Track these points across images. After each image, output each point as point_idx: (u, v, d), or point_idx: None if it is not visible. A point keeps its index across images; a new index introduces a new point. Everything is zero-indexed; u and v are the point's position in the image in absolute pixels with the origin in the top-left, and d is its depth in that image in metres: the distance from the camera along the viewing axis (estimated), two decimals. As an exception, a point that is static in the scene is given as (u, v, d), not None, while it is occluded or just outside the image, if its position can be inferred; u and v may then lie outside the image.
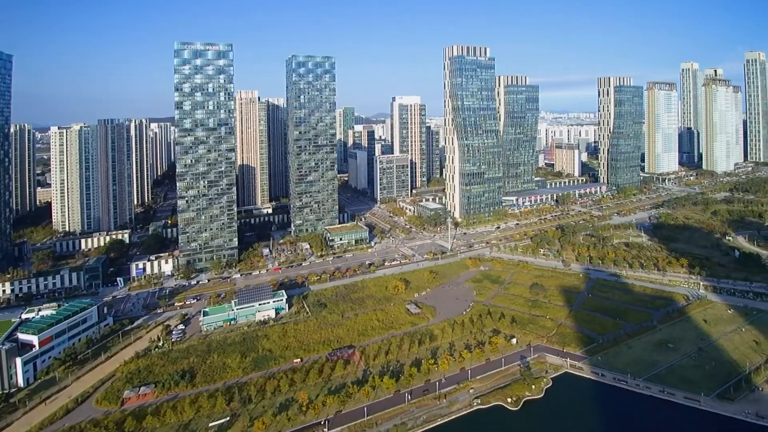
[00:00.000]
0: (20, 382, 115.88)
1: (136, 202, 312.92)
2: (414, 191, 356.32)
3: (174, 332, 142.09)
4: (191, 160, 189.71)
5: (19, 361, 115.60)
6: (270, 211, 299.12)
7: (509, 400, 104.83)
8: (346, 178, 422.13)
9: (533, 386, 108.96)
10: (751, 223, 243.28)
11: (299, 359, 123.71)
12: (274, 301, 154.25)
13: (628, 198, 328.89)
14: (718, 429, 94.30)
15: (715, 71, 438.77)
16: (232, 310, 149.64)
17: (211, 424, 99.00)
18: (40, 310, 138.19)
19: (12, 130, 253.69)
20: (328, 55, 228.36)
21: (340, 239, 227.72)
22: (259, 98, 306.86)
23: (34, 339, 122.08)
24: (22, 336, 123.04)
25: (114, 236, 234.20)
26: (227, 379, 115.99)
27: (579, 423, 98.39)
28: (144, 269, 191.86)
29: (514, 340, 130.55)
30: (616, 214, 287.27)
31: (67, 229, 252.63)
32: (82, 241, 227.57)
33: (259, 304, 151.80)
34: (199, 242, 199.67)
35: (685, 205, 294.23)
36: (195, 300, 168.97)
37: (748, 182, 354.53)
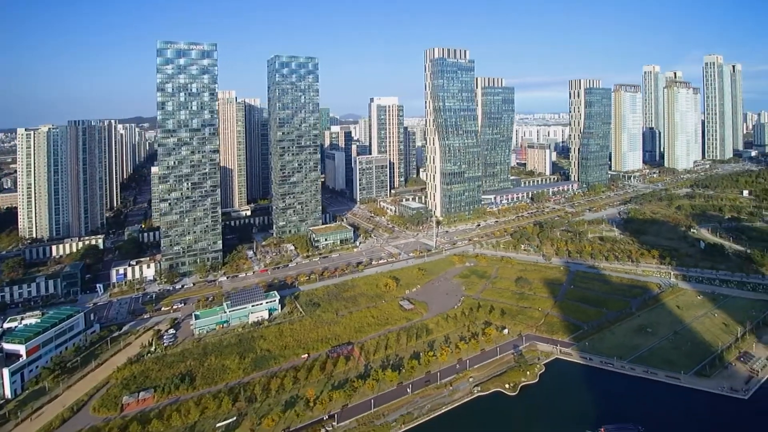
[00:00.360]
0: (7, 393, 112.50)
1: (106, 207, 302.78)
2: (392, 191, 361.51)
3: (165, 337, 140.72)
4: (174, 162, 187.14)
5: (6, 371, 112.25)
6: (249, 213, 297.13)
7: (507, 386, 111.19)
8: (323, 179, 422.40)
9: (528, 372, 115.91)
10: (713, 216, 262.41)
11: (306, 355, 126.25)
12: (266, 302, 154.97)
13: (598, 195, 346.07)
14: (698, 403, 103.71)
15: (675, 74, 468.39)
16: (225, 312, 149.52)
17: (218, 425, 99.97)
18: (22, 318, 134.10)
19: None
20: (311, 56, 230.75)
21: (326, 240, 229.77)
22: (236, 98, 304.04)
23: (21, 348, 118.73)
24: (7, 346, 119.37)
25: (88, 242, 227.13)
26: (228, 380, 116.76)
27: (573, 404, 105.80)
28: (125, 275, 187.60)
29: (505, 331, 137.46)
30: (588, 210, 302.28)
31: (34, 235, 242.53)
32: (53, 247, 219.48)
33: (252, 306, 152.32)
34: (182, 246, 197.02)
35: (651, 200, 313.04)
36: (182, 304, 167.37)
37: (707, 179, 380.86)
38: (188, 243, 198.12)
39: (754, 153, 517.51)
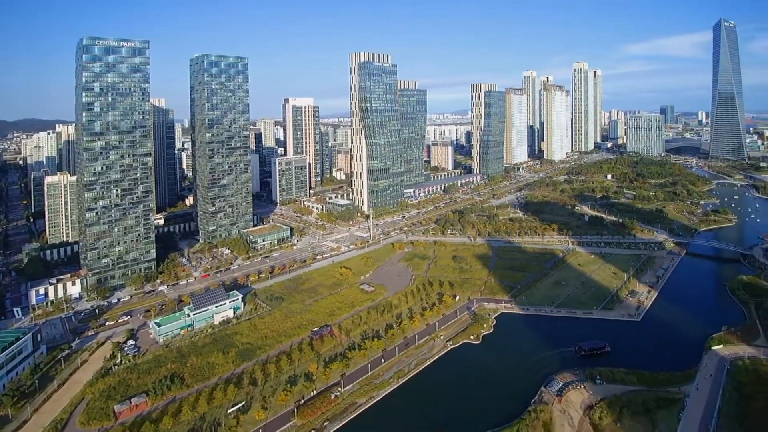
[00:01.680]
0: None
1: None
2: (311, 191, 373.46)
3: (126, 348, 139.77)
4: (102, 167, 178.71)
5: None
6: (162, 222, 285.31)
7: (471, 337, 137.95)
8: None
9: (484, 325, 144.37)
10: (588, 196, 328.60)
11: (316, 328, 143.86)
12: (230, 302, 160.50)
13: (497, 184, 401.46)
14: (609, 327, 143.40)
15: (548, 78, 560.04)
16: (188, 316, 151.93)
17: (229, 410, 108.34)
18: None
19: None
20: (241, 56, 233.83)
21: (263, 240, 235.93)
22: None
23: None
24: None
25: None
26: (221, 374, 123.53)
27: (523, 342, 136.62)
28: (46, 294, 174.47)
29: (457, 298, 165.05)
30: (492, 197, 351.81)
31: None
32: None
33: (216, 306, 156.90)
34: (111, 258, 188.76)
35: (540, 187, 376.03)
36: (128, 317, 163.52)
37: (579, 167, 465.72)
38: (118, 254, 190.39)
39: (609, 144, 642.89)
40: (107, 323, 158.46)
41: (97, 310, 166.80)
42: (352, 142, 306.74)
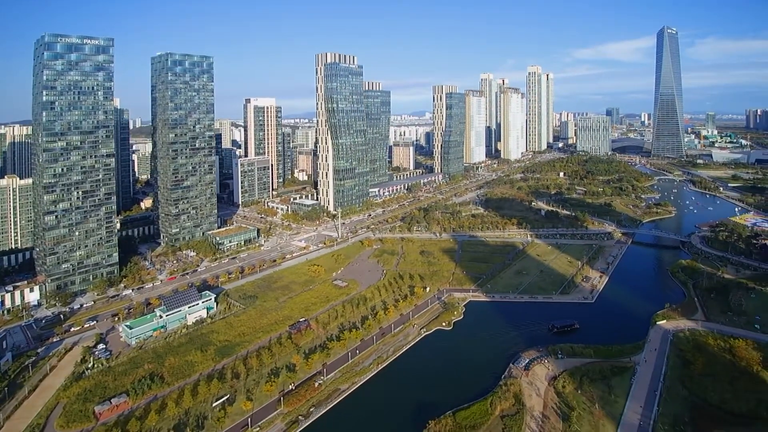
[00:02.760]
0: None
1: None
2: (274, 192, 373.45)
3: (97, 352, 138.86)
4: (62, 169, 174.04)
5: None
6: (118, 225, 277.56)
7: (443, 324, 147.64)
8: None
9: (455, 312, 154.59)
10: (544, 192, 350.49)
11: (303, 318, 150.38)
12: (203, 302, 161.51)
13: (458, 183, 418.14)
14: (568, 308, 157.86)
15: (503, 81, 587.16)
16: (160, 317, 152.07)
17: (215, 404, 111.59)
18: None
19: None
20: (206, 55, 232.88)
21: (230, 241, 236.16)
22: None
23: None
24: None
25: None
26: (202, 371, 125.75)
27: (491, 326, 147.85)
28: (2, 302, 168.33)
29: (427, 289, 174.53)
30: (454, 195, 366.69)
31: None
32: None
33: (189, 307, 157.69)
34: (71, 262, 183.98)
35: (498, 185, 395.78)
36: (94, 321, 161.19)
37: (533, 165, 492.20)
38: (79, 258, 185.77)
39: (561, 144, 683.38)
40: (72, 329, 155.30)
41: (62, 316, 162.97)
42: (318, 143, 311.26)
